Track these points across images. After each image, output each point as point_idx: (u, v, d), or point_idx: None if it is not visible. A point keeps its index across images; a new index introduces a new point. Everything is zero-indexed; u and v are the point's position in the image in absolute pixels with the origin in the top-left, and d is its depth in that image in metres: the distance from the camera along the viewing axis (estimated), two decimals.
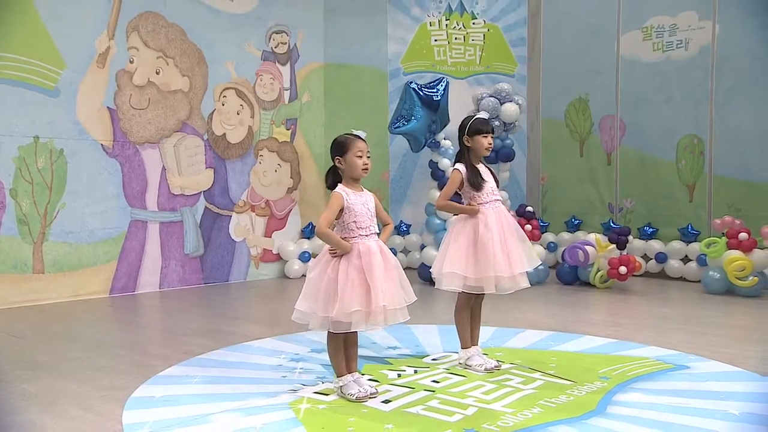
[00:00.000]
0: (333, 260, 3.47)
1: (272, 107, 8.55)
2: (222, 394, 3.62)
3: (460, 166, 4.13)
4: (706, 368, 4.14)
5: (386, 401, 3.49)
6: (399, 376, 3.97)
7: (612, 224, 8.17)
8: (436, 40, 9.16)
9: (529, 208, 8.02)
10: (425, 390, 3.69)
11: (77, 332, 5.47)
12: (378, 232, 3.61)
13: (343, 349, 3.61)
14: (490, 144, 4.13)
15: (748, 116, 7.59)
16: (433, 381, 3.86)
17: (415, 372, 4.05)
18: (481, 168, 4.20)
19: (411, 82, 7.52)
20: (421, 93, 7.37)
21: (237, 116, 8.20)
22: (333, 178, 3.62)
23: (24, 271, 6.55)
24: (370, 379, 3.83)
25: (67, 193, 6.84)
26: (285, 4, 8.68)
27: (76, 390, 3.78)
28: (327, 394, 3.62)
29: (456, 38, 9.18)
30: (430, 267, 7.51)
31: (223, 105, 8.06)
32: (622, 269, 7.07)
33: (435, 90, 7.38)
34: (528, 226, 7.67)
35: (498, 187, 4.27)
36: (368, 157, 3.57)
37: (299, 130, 8.85)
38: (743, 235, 6.81)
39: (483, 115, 4.25)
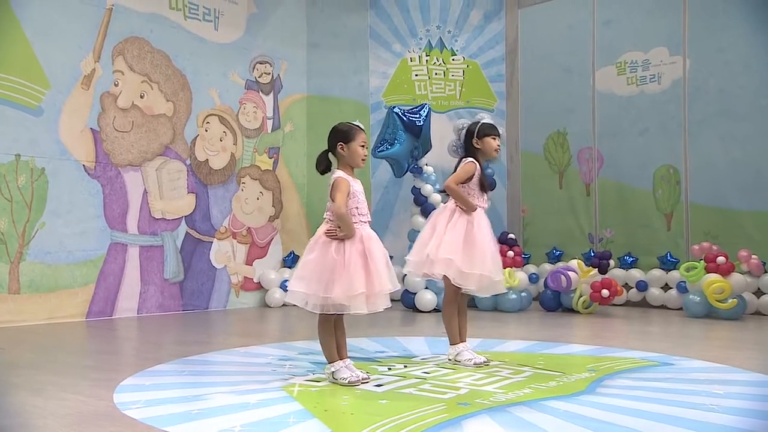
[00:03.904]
0: (334, 243, 3.47)
1: (255, 135, 8.61)
2: (213, 382, 3.59)
3: (474, 161, 4.19)
4: (690, 365, 4.19)
5: (379, 385, 3.47)
6: (389, 369, 3.95)
7: (592, 254, 8.25)
8: (416, 75, 9.34)
9: (511, 236, 8.09)
10: (416, 378, 3.67)
11: (58, 342, 5.36)
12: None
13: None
14: (499, 146, 4.24)
15: (718, 146, 7.81)
16: (424, 372, 3.84)
17: (405, 367, 4.03)
18: None
19: (394, 107, 7.64)
20: (404, 118, 7.48)
21: (220, 142, 8.24)
22: (326, 165, 3.66)
23: None
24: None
25: (47, 212, 6.76)
26: (269, 35, 8.83)
27: (63, 381, 3.70)
28: (318, 381, 3.59)
29: (436, 74, 9.38)
30: (414, 294, 7.62)
31: (206, 131, 8.10)
32: (605, 292, 7.11)
33: (417, 115, 7.51)
34: (510, 253, 7.74)
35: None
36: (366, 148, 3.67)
37: (282, 159, 8.91)
38: (721, 259, 6.90)
39: (489, 120, 4.36)
